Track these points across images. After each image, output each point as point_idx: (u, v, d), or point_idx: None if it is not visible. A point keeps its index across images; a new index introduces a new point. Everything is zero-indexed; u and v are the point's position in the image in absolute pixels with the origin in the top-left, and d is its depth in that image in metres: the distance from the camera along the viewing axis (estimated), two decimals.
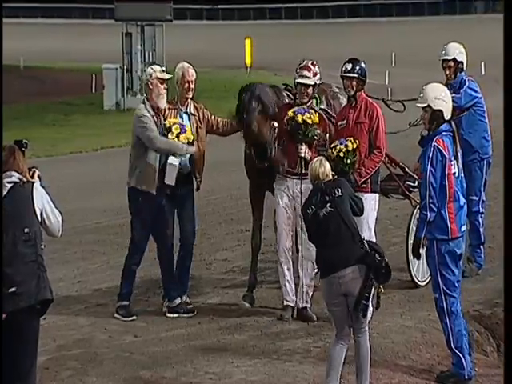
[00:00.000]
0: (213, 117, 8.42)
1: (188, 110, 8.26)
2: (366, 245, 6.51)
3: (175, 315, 8.14)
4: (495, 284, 8.62)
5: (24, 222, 5.54)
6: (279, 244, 8.10)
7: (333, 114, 8.38)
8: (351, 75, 7.94)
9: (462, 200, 6.96)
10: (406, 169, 8.74)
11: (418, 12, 58.88)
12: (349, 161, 7.74)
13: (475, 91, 9.04)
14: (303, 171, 7.86)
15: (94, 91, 30.14)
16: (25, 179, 5.72)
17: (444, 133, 6.92)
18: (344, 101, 8.46)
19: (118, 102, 26.28)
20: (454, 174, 6.91)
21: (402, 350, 7.47)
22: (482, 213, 9.14)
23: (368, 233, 7.76)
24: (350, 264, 6.36)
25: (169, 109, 8.18)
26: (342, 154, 7.74)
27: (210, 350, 7.40)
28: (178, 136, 7.96)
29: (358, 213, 6.71)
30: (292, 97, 8.34)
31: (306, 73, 8.14)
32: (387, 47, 36.27)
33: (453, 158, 6.92)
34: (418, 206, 8.01)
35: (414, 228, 7.63)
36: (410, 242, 7.94)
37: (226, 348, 7.43)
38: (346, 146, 7.77)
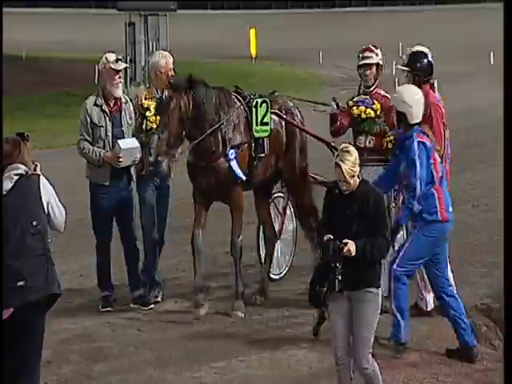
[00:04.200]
0: None
1: (164, 96, 8.28)
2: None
3: (135, 306, 8.28)
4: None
5: (32, 215, 5.51)
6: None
7: (284, 116, 8.33)
8: (404, 68, 7.84)
9: (445, 184, 7.30)
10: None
11: (426, 1, 58.77)
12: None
13: None
14: (364, 162, 7.86)
15: (96, 82, 30.12)
16: (30, 172, 5.68)
17: (416, 128, 7.20)
18: (297, 114, 8.47)
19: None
20: (438, 159, 7.26)
21: (409, 344, 7.47)
22: None
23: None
24: None
25: (145, 98, 8.25)
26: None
27: (215, 344, 7.41)
28: (156, 115, 8.04)
29: None
30: (242, 100, 8.14)
31: (367, 53, 8.19)
32: (394, 37, 36.18)
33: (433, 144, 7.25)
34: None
35: None
36: None
37: (230, 342, 7.44)
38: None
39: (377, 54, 8.18)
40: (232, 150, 7.83)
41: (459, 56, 32.63)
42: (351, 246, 5.75)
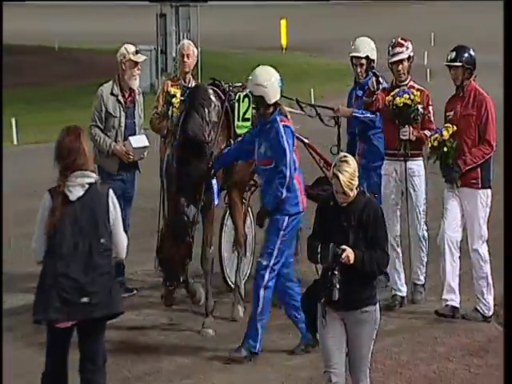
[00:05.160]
0: None
1: (190, 86, 8.31)
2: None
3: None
4: None
5: (100, 231, 5.27)
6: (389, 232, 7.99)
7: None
8: (455, 64, 7.57)
9: (301, 174, 7.14)
10: None
11: None
12: (446, 148, 7.43)
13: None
14: (408, 153, 7.82)
15: None
16: (98, 178, 5.37)
17: (278, 112, 7.00)
18: None
19: (152, 84, 26.30)
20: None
21: (441, 336, 7.41)
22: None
23: (479, 229, 7.56)
24: None
25: (171, 85, 8.23)
26: (436, 144, 7.47)
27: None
28: (182, 102, 7.94)
29: None
30: (221, 95, 7.69)
31: (397, 49, 8.02)
32: (426, 27, 35.94)
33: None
34: None
35: None
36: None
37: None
38: (442, 133, 7.48)
39: (407, 48, 8.04)
40: (215, 180, 7.37)
41: (488, 46, 32.34)
42: (349, 253, 5.31)
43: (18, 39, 41.44)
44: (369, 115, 8.18)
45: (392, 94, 7.88)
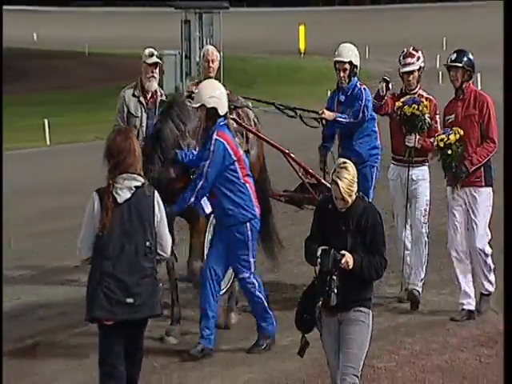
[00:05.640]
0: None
1: None
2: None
3: None
4: None
5: (146, 234, 5.20)
6: (396, 234, 7.87)
7: (243, 124, 7.67)
8: (456, 65, 7.41)
9: (252, 181, 6.92)
10: (323, 180, 8.02)
11: None
12: (450, 151, 7.29)
13: (368, 99, 8.10)
14: (412, 159, 7.71)
15: None
16: (146, 181, 5.27)
17: (221, 123, 6.80)
18: (251, 113, 7.87)
19: (177, 87, 26.35)
20: (242, 153, 6.88)
21: (453, 327, 7.37)
22: None
23: (482, 228, 7.41)
24: None
25: (195, 89, 8.22)
26: (441, 144, 7.34)
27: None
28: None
29: None
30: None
31: (409, 60, 7.83)
32: (438, 32, 35.78)
33: (237, 141, 6.90)
34: None
35: None
36: None
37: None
38: (449, 136, 7.34)
39: (418, 58, 7.88)
40: (205, 198, 6.98)
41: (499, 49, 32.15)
42: (349, 258, 5.15)
43: (51, 45, 41.63)
44: (352, 120, 8.04)
45: (402, 100, 7.76)
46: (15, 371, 6.69)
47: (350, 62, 8.11)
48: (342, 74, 8.14)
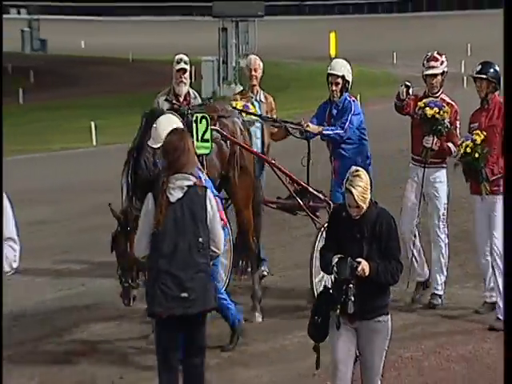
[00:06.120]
0: (273, 111, 8.41)
1: (258, 98, 8.32)
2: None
3: None
4: None
5: (198, 231, 5.18)
6: (402, 224, 7.59)
7: (225, 133, 7.32)
8: (481, 76, 7.28)
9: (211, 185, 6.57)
10: (310, 188, 7.74)
11: (494, 4, 57.46)
12: (477, 154, 7.11)
13: (359, 114, 7.89)
14: (428, 160, 7.56)
15: (193, 81, 30.39)
16: (197, 181, 5.26)
17: None
18: (237, 120, 7.51)
19: (214, 91, 26.42)
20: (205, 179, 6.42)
21: (477, 319, 7.30)
22: None
23: (500, 231, 7.17)
24: None
25: (241, 99, 8.20)
26: (469, 150, 7.13)
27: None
28: (240, 113, 7.79)
29: None
30: (179, 117, 6.80)
31: (432, 63, 7.68)
32: (463, 39, 35.47)
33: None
34: (322, 229, 7.18)
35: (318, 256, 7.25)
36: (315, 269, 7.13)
37: None
38: (474, 140, 7.16)
39: (442, 63, 7.74)
40: None
41: None
42: (365, 266, 4.96)
43: (98, 52, 41.92)
44: (338, 131, 7.76)
45: (425, 100, 7.61)
46: (68, 353, 6.70)
47: (343, 77, 7.84)
48: (334, 88, 7.85)
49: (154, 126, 6.40)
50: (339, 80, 7.83)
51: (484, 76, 7.29)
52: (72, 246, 9.81)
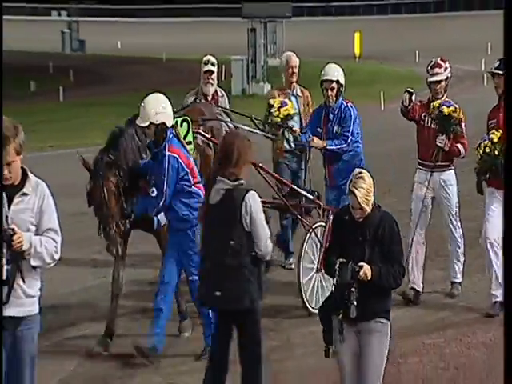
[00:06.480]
0: (310, 104, 8.37)
1: (295, 93, 8.33)
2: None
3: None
4: None
5: (231, 234, 5.13)
6: (415, 230, 7.55)
7: (208, 136, 7.17)
8: (498, 72, 7.11)
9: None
10: (298, 189, 7.57)
11: None
12: (497, 152, 6.97)
13: (357, 120, 7.75)
14: (438, 161, 7.44)
15: (223, 79, 30.41)
16: (238, 183, 5.19)
17: (171, 136, 6.31)
18: (225, 117, 7.47)
19: (243, 89, 26.44)
20: (192, 162, 6.43)
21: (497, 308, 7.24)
22: None
23: None
24: None
25: (279, 95, 8.18)
26: (488, 150, 7.03)
27: None
28: (278, 109, 7.83)
29: None
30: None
31: (437, 70, 7.56)
32: (484, 38, 35.13)
33: (187, 152, 6.43)
34: (310, 230, 7.18)
35: (307, 254, 7.03)
36: (301, 268, 7.02)
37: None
38: (491, 139, 7.05)
39: (445, 69, 7.60)
40: (161, 214, 6.47)
41: None
42: (367, 270, 4.78)
43: (133, 52, 42.10)
44: (342, 146, 7.63)
45: (438, 101, 7.47)
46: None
47: (337, 81, 7.70)
48: (329, 93, 7.70)
49: (142, 104, 6.30)
50: (334, 85, 7.70)
51: (501, 72, 7.14)
52: None
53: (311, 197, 7.55)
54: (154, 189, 6.35)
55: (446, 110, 7.42)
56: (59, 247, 4.46)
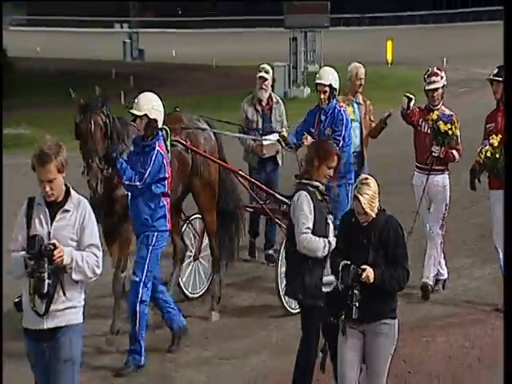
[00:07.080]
0: (371, 112, 8.30)
1: (357, 100, 8.28)
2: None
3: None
4: None
5: (293, 229, 5.17)
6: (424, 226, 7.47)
7: (187, 145, 6.76)
8: (497, 79, 6.98)
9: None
10: (277, 195, 7.28)
11: None
12: (498, 155, 6.75)
13: (349, 124, 7.58)
14: (433, 167, 7.33)
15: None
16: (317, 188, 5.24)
17: (160, 135, 6.09)
18: (205, 125, 7.12)
19: (285, 92, 26.47)
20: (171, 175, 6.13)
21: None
22: None
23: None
24: None
25: (343, 101, 8.08)
26: (489, 154, 6.81)
27: None
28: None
29: None
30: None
31: (433, 78, 7.44)
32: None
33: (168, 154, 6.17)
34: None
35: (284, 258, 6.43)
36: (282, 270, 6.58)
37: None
38: (491, 144, 6.89)
39: (441, 77, 7.46)
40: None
41: None
42: (370, 273, 4.51)
43: (186, 60, 42.32)
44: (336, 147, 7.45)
45: (437, 113, 7.33)
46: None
47: (330, 85, 7.48)
48: (322, 96, 7.50)
49: (139, 97, 6.13)
50: (326, 88, 7.50)
51: (500, 79, 7.01)
52: None
53: (287, 201, 6.88)
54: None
55: (442, 126, 7.25)
56: (100, 262, 4.27)
